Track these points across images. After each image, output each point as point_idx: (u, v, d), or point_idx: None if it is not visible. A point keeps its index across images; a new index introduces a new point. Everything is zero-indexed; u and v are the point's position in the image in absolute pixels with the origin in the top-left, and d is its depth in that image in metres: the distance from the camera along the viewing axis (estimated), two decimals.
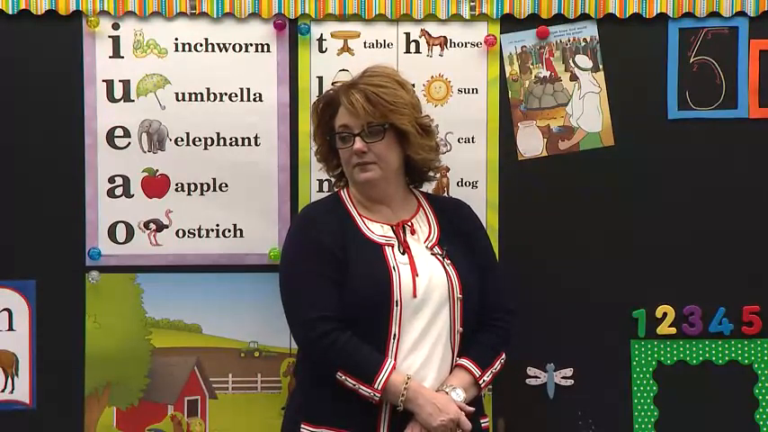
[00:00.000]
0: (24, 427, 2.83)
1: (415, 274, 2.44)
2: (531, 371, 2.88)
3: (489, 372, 2.50)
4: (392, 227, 2.52)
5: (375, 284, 2.41)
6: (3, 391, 2.83)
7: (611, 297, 2.87)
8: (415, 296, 2.42)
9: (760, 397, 2.90)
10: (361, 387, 2.36)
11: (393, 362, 2.39)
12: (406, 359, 2.42)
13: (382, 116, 2.45)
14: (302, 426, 2.44)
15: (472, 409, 2.44)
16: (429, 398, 2.38)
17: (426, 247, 2.52)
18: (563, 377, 2.88)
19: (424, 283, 2.44)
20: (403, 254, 2.47)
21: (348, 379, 2.37)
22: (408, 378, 2.38)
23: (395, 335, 2.41)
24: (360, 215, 2.53)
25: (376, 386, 2.36)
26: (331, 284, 2.42)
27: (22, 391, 2.83)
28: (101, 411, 2.84)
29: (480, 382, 2.48)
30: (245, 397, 2.87)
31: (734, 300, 2.89)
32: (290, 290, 2.48)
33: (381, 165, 2.48)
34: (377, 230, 2.50)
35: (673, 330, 2.89)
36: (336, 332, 2.39)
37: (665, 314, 2.88)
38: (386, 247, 2.47)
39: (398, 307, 2.41)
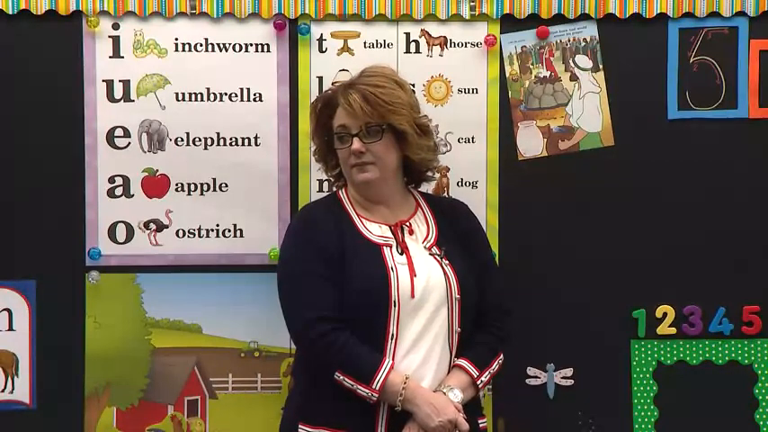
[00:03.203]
0: (24, 428, 2.83)
1: (413, 274, 2.44)
2: (531, 371, 2.88)
3: (487, 372, 2.50)
4: (390, 227, 2.52)
5: (373, 285, 2.41)
6: (3, 391, 2.83)
7: (611, 297, 2.87)
8: (413, 296, 2.42)
9: (760, 397, 2.90)
10: (359, 387, 2.36)
11: (391, 362, 2.39)
12: (404, 359, 2.41)
13: (380, 116, 2.45)
14: (300, 426, 2.44)
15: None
16: (427, 398, 2.38)
17: (424, 247, 2.51)
18: (563, 377, 2.88)
19: (422, 283, 2.44)
20: (401, 254, 2.47)
21: (346, 379, 2.37)
22: (407, 378, 2.38)
23: (393, 335, 2.41)
24: (358, 215, 2.53)
25: (374, 386, 2.36)
26: (329, 284, 2.42)
27: (22, 391, 2.84)
28: (101, 411, 2.84)
29: (478, 382, 2.47)
30: (245, 397, 2.87)
31: (734, 300, 2.89)
32: (287, 290, 2.48)
33: (379, 165, 2.48)
34: (375, 231, 2.50)
35: (673, 330, 2.89)
36: (335, 332, 2.39)
37: (665, 314, 2.88)
38: (384, 247, 2.47)
39: (396, 307, 2.41)
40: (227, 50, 2.83)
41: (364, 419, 2.40)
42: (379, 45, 2.84)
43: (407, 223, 2.54)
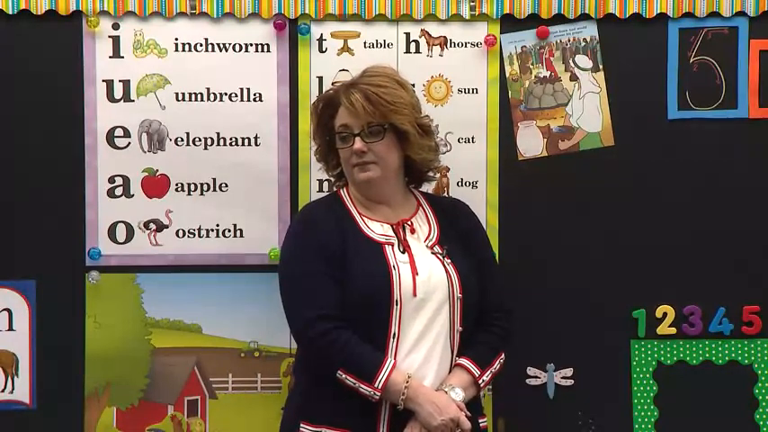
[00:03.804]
0: (24, 428, 2.83)
1: (414, 272, 2.44)
2: (531, 371, 2.88)
3: (488, 371, 2.50)
4: (392, 226, 2.52)
5: (375, 283, 2.41)
6: (3, 391, 2.83)
7: (611, 297, 2.87)
8: (415, 295, 2.42)
9: (760, 397, 2.90)
10: (362, 386, 2.36)
11: (393, 361, 2.39)
12: (406, 358, 2.41)
13: (382, 116, 2.45)
14: (302, 425, 2.44)
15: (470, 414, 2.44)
16: (429, 397, 2.38)
17: (426, 246, 2.51)
18: (563, 377, 2.88)
19: (424, 281, 2.43)
20: (403, 253, 2.47)
21: (348, 378, 2.37)
22: (409, 377, 2.38)
23: (395, 334, 2.41)
24: (360, 214, 2.53)
25: (376, 385, 2.36)
26: (331, 283, 2.41)
27: (21, 391, 2.83)
28: (101, 411, 2.84)
29: (479, 381, 2.47)
30: (245, 397, 2.87)
31: (734, 300, 2.89)
32: (289, 289, 2.48)
33: (381, 165, 2.48)
34: (377, 229, 2.50)
35: (673, 330, 2.89)
36: (337, 330, 2.38)
37: (665, 314, 2.88)
38: (386, 245, 2.47)
39: (398, 306, 2.41)
40: (227, 50, 2.83)
41: (366, 419, 2.40)
42: (379, 45, 2.84)
43: (409, 222, 2.54)
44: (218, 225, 2.85)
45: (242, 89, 2.83)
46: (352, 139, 2.47)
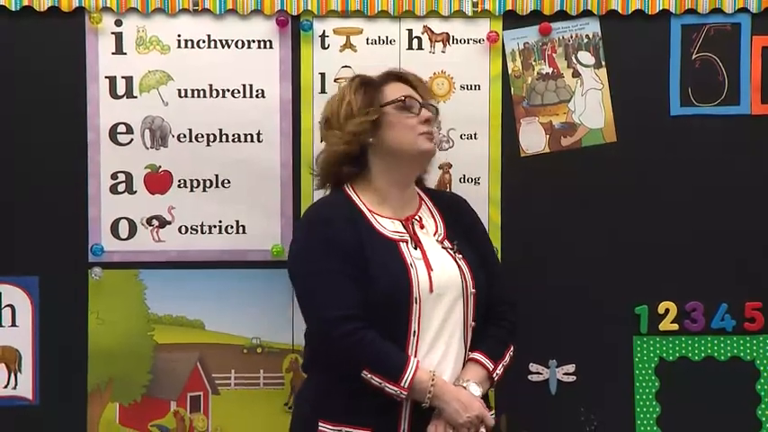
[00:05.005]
0: (27, 423, 2.83)
1: (429, 269, 2.42)
2: (533, 367, 2.88)
3: (501, 365, 2.48)
4: (402, 222, 2.51)
5: (395, 282, 2.37)
6: (6, 386, 2.83)
7: (613, 293, 2.87)
8: (431, 291, 2.40)
9: (762, 393, 2.90)
10: (387, 386, 2.33)
11: (417, 359, 2.37)
12: (427, 355, 2.39)
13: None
14: (320, 424, 2.39)
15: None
16: (455, 395, 2.36)
17: (436, 240, 2.51)
18: (565, 373, 2.89)
19: (439, 277, 2.42)
20: (416, 249, 2.46)
21: (374, 378, 2.33)
22: (434, 375, 2.36)
23: (414, 331, 2.39)
24: (370, 211, 2.49)
25: (402, 384, 2.33)
26: (351, 282, 2.36)
27: (25, 387, 2.84)
28: (103, 407, 2.85)
29: (494, 375, 2.46)
30: (247, 393, 2.87)
31: (736, 296, 2.89)
32: (308, 289, 2.42)
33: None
34: (388, 226, 2.47)
35: (675, 326, 2.89)
36: (361, 331, 2.34)
37: (667, 310, 2.88)
38: (400, 243, 2.46)
39: (417, 303, 2.38)
40: (229, 47, 2.83)
41: (387, 417, 2.37)
42: (381, 41, 2.84)
43: (417, 217, 2.53)
44: (220, 221, 2.85)
45: (244, 85, 2.83)
46: (419, 108, 2.48)
